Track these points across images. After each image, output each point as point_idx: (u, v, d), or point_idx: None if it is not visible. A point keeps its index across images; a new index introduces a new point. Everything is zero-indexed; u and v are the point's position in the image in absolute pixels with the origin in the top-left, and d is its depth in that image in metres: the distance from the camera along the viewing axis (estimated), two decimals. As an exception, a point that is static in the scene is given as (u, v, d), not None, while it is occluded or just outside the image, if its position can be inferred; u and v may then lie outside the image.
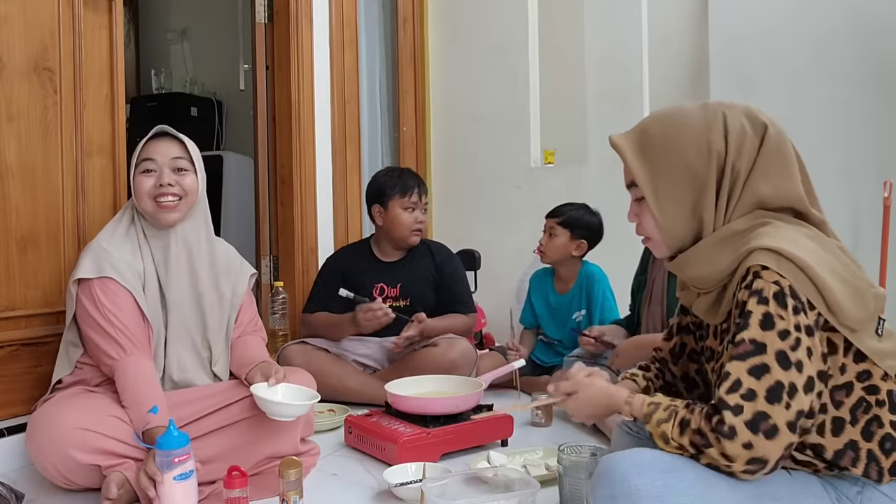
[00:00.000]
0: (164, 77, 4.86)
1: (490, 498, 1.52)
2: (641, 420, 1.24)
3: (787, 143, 1.28)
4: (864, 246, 2.71)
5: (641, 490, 1.13)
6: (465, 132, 3.80)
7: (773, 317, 1.13)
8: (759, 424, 1.09)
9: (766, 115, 1.29)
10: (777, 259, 1.15)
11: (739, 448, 1.09)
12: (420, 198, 2.75)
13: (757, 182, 1.25)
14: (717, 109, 1.28)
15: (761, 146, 1.26)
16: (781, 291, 1.14)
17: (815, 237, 1.23)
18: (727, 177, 1.25)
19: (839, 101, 2.79)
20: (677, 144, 1.27)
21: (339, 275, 2.78)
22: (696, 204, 1.27)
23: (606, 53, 3.38)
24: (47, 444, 1.69)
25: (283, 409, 1.78)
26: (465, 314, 2.79)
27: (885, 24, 2.71)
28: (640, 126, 1.34)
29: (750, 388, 1.11)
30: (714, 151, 1.25)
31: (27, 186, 2.11)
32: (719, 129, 1.26)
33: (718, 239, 1.25)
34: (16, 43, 2.08)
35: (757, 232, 1.21)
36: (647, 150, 1.30)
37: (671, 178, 1.28)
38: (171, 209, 1.90)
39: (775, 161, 1.26)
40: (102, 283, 1.82)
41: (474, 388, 2.14)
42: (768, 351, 1.12)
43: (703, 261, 1.26)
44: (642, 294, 2.33)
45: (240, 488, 1.56)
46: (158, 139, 1.94)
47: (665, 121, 1.31)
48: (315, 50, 3.26)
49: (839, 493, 1.19)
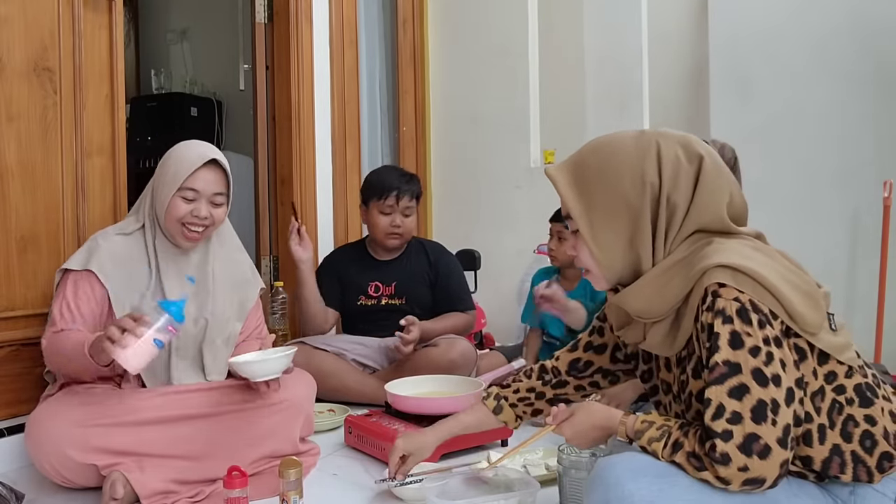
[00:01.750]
0: (164, 77, 4.86)
1: (490, 498, 1.51)
2: (634, 438, 1.24)
3: (723, 171, 1.26)
4: (864, 246, 2.71)
5: (635, 495, 1.13)
6: (465, 132, 3.80)
7: (740, 335, 1.12)
8: (752, 446, 1.08)
9: (703, 146, 1.27)
10: (733, 274, 1.15)
11: (735, 471, 1.08)
12: (397, 201, 2.67)
13: (697, 214, 1.23)
14: (652, 139, 1.25)
15: (698, 179, 1.23)
16: (743, 307, 1.13)
17: (759, 248, 1.23)
18: (663, 209, 1.23)
19: (839, 101, 2.79)
20: (611, 175, 1.25)
21: (335, 274, 2.78)
22: (633, 237, 1.25)
23: (606, 53, 3.38)
24: (45, 444, 1.69)
25: (263, 367, 1.79)
26: (464, 312, 2.79)
27: (885, 24, 2.71)
28: (576, 156, 1.32)
29: (734, 411, 1.10)
30: (648, 183, 1.23)
31: (27, 186, 2.11)
32: (653, 160, 1.24)
33: (663, 269, 1.23)
34: (16, 43, 2.08)
35: (703, 252, 1.20)
36: (582, 181, 1.28)
37: (606, 211, 1.25)
38: (196, 239, 1.93)
39: (713, 192, 1.23)
40: (82, 275, 1.86)
41: (474, 388, 2.14)
42: (743, 370, 1.11)
43: (651, 293, 1.23)
44: None
45: (240, 488, 1.56)
46: (207, 168, 1.91)
47: (600, 151, 1.29)
48: (315, 50, 3.26)
49: (833, 496, 1.20)
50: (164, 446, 1.76)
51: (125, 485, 1.66)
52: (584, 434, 1.35)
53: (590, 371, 1.55)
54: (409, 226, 2.72)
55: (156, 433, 1.76)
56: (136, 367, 1.59)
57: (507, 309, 3.51)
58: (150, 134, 4.51)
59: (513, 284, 3.50)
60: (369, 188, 2.75)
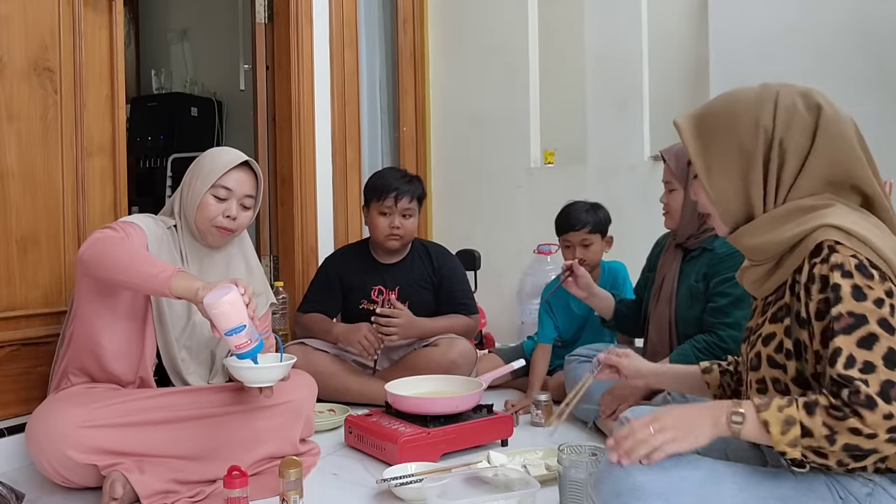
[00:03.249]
0: (165, 77, 4.87)
1: (490, 498, 1.51)
2: (754, 411, 1.14)
3: (846, 124, 1.28)
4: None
5: (646, 486, 1.13)
6: (465, 132, 3.80)
7: (861, 288, 1.13)
8: (890, 392, 1.07)
9: (825, 97, 1.29)
10: (846, 236, 1.16)
11: (880, 418, 1.06)
12: (396, 202, 2.64)
13: (817, 163, 1.25)
14: (773, 89, 1.29)
15: (817, 126, 1.26)
16: (861, 263, 1.14)
17: (878, 225, 1.24)
18: (775, 153, 1.26)
19: (839, 101, 2.74)
20: (729, 119, 1.29)
21: (338, 275, 2.78)
22: (745, 179, 1.28)
23: (606, 53, 3.38)
24: (45, 444, 1.69)
25: (259, 374, 1.72)
26: (468, 315, 2.78)
27: (885, 24, 2.71)
28: (703, 107, 1.37)
29: (866, 361, 1.09)
30: (761, 127, 1.26)
31: (27, 186, 2.11)
32: (769, 107, 1.27)
33: (783, 212, 1.25)
34: (16, 43, 2.08)
35: (821, 211, 1.22)
36: (703, 127, 1.32)
37: (721, 154, 1.29)
38: (225, 236, 1.96)
39: (834, 141, 1.26)
40: (128, 224, 1.85)
41: (474, 388, 2.14)
42: (870, 320, 1.11)
43: (763, 230, 1.26)
44: (649, 292, 2.32)
45: (240, 488, 1.56)
46: (240, 169, 1.96)
47: (723, 99, 1.33)
48: (315, 50, 3.26)
49: (847, 493, 1.18)
50: (164, 447, 1.76)
51: (125, 485, 1.66)
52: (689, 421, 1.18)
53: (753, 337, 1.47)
54: (408, 227, 2.69)
55: (156, 434, 1.76)
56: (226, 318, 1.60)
57: (507, 309, 3.52)
58: (150, 134, 4.52)
59: (513, 284, 3.50)
60: (369, 189, 2.74)
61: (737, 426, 1.14)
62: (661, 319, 2.24)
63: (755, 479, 1.18)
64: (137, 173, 4.47)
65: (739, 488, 1.14)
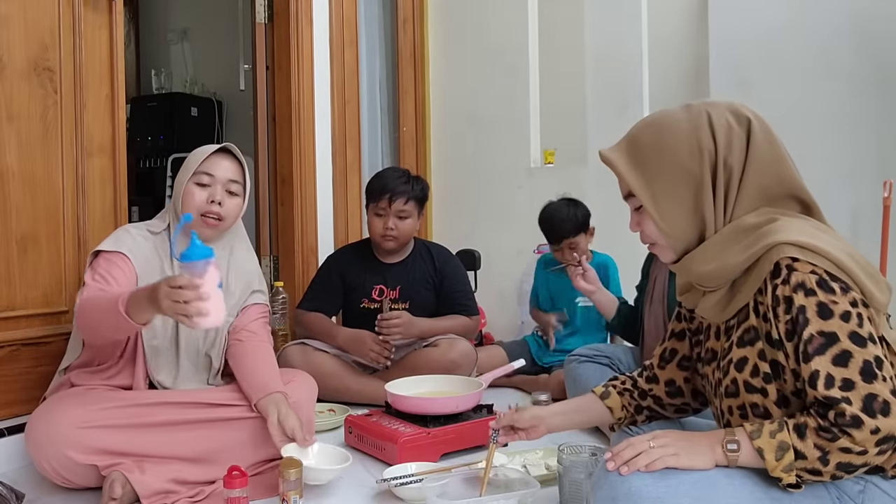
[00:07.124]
0: (165, 77, 4.87)
1: (490, 498, 1.51)
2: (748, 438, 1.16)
3: (772, 133, 1.30)
4: (865, 246, 2.70)
5: (642, 491, 1.13)
6: (465, 132, 3.80)
7: (826, 304, 1.14)
8: (872, 406, 1.08)
9: (749, 110, 1.31)
10: (801, 251, 1.17)
11: (868, 434, 1.08)
12: (390, 203, 2.62)
13: (754, 175, 1.26)
14: (701, 109, 1.29)
15: (749, 140, 1.27)
16: (821, 278, 1.15)
17: (823, 229, 1.25)
18: (721, 173, 1.27)
19: (839, 100, 2.79)
20: (668, 147, 1.28)
21: (340, 274, 2.78)
22: (696, 203, 1.27)
23: (606, 53, 3.37)
24: (45, 444, 1.69)
25: (316, 475, 1.73)
26: (468, 316, 2.78)
27: (885, 24, 2.71)
28: (629, 136, 1.35)
29: (844, 378, 1.10)
30: (705, 150, 1.26)
31: (27, 186, 2.11)
32: (706, 128, 1.27)
33: (728, 234, 1.26)
34: (16, 43, 2.08)
35: (768, 228, 1.22)
36: (639, 157, 1.31)
37: (667, 181, 1.28)
38: (212, 227, 1.94)
39: (766, 152, 1.27)
40: (114, 255, 1.87)
41: (474, 388, 2.14)
42: (841, 337, 1.12)
43: (712, 257, 1.26)
44: (643, 296, 2.34)
45: (240, 488, 1.56)
46: (221, 155, 1.97)
47: (652, 126, 1.32)
48: (315, 50, 3.26)
49: (840, 493, 1.19)
50: (164, 448, 1.76)
51: (124, 485, 1.66)
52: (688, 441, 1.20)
53: (675, 359, 1.50)
54: (403, 229, 2.66)
55: (156, 435, 1.76)
56: (221, 319, 1.57)
57: (507, 309, 3.52)
58: (150, 134, 4.52)
59: (513, 284, 3.50)
60: (368, 189, 2.74)
61: (733, 454, 1.17)
62: (655, 319, 2.25)
63: (751, 484, 1.18)
64: (137, 173, 4.47)
65: (735, 491, 1.15)
